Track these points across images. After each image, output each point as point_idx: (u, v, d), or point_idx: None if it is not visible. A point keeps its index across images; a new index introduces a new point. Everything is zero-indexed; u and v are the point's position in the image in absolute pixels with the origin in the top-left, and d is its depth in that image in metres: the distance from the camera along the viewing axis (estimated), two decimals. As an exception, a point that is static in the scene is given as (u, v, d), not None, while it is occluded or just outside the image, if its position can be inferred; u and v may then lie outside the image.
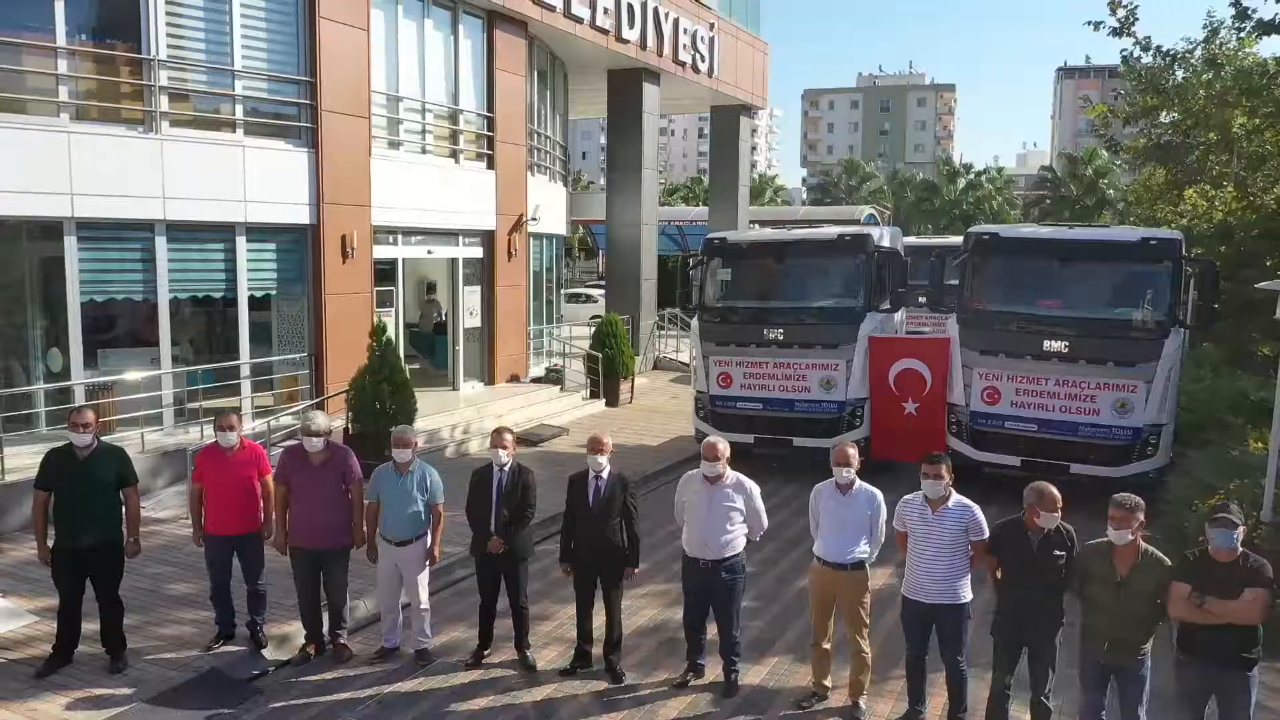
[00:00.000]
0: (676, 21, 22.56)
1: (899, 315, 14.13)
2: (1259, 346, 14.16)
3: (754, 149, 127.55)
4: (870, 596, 6.73)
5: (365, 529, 7.41)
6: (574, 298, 33.17)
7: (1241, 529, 5.40)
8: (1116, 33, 17.46)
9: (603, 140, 24.35)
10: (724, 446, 6.93)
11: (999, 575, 6.09)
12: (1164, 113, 17.71)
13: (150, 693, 6.85)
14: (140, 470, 8.31)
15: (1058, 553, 5.83)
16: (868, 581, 6.68)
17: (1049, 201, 51.04)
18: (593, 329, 19.82)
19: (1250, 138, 16.62)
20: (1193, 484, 9.42)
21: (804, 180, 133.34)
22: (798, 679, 7.17)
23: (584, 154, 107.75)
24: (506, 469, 7.23)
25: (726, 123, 28.17)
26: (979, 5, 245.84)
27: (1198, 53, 17.30)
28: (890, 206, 59.42)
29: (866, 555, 6.64)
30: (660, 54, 22.01)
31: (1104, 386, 11.37)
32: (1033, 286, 12.12)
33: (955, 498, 6.29)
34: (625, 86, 22.41)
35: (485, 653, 7.46)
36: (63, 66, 11.64)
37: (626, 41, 20.58)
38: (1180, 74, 16.86)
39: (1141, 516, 5.62)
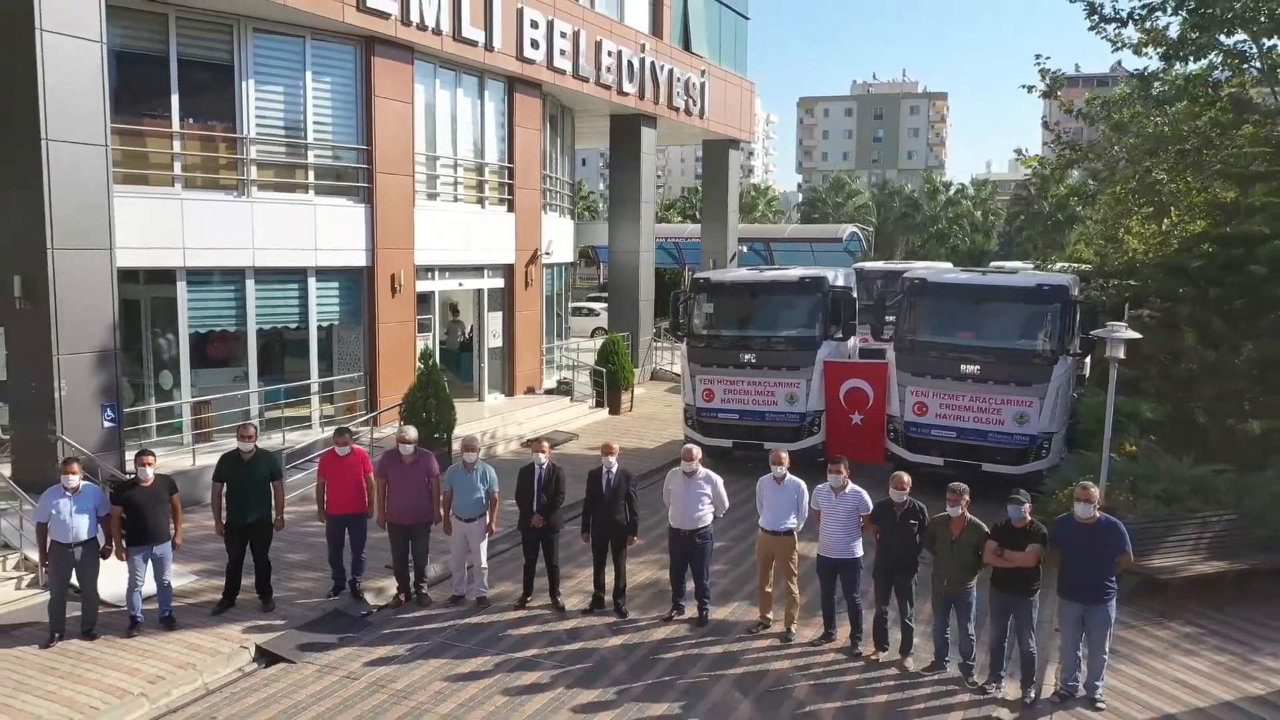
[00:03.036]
0: (671, 72, 25.48)
1: (851, 342, 17.07)
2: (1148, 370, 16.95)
3: (750, 154, 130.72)
4: (797, 554, 9.67)
5: (442, 510, 10.35)
6: (577, 311, 36.07)
7: (1027, 505, 8.34)
8: (1046, 96, 20.53)
9: (601, 147, 27.25)
10: (697, 451, 9.93)
11: (877, 538, 9.04)
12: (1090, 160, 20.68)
13: (296, 624, 9.81)
14: None
15: (913, 522, 8.78)
16: (795, 544, 9.61)
17: (1023, 218, 53.99)
18: (596, 341, 22.71)
19: (1165, 185, 19.55)
20: (1059, 479, 12.37)
21: (799, 186, 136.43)
22: (750, 616, 10.11)
23: (583, 160, 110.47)
24: (544, 467, 10.18)
25: (717, 155, 31.08)
26: (975, 11, 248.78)
27: (1156, 82, 19.70)
28: (874, 221, 62.39)
29: (795, 525, 9.57)
30: (656, 102, 24.92)
31: (1007, 402, 14.28)
32: (953, 322, 15.05)
33: (850, 486, 9.23)
34: (625, 130, 25.34)
35: (528, 599, 10.41)
36: (177, 146, 14.58)
37: (627, 94, 23.49)
38: (1118, 114, 19.57)
39: (967, 498, 8.55)
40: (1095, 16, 18.16)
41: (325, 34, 15.95)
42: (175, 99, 14.46)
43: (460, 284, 19.74)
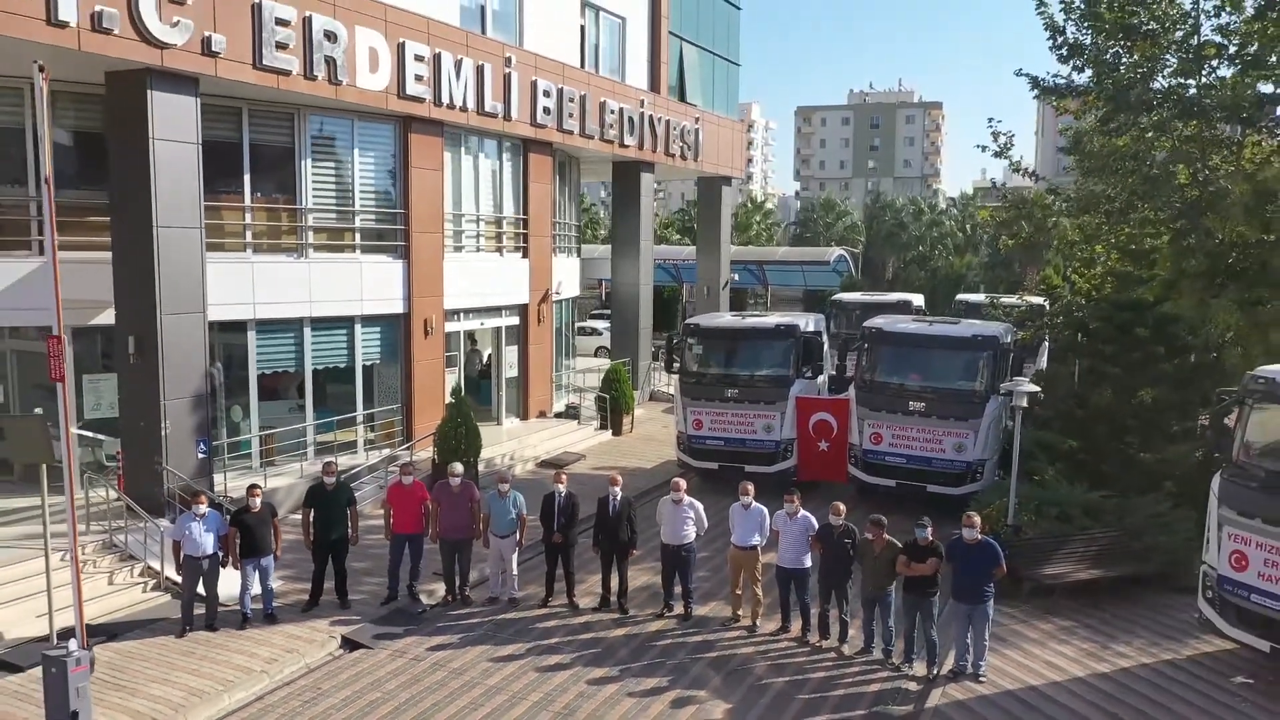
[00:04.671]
0: (668, 123, 28.17)
1: (820, 379, 19.79)
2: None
3: (749, 160, 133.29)
4: (761, 565, 12.39)
5: (481, 528, 13.05)
6: (581, 330, 38.81)
7: (929, 529, 11.03)
8: (998, 155, 23.19)
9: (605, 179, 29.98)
10: (683, 484, 12.68)
11: (821, 553, 11.75)
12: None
13: (369, 619, 12.53)
14: (303, 492, 14.20)
15: (847, 540, 11.51)
16: (759, 557, 12.33)
17: (1019, 223, 56.30)
18: (599, 360, 25.30)
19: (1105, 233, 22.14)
20: (980, 500, 15.06)
21: (797, 193, 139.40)
22: (725, 612, 12.84)
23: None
24: (563, 494, 12.91)
25: (710, 190, 33.68)
26: (973, 18, 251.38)
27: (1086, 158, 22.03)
28: (863, 241, 65.17)
29: (759, 542, 12.27)
30: (655, 150, 27.59)
31: (948, 434, 16.97)
32: (903, 365, 17.76)
33: (802, 512, 11.95)
34: (626, 174, 28.06)
35: (550, 599, 13.13)
36: (248, 217, 17.29)
37: (628, 146, 26.16)
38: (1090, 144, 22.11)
39: (885, 523, 11.25)
40: (1037, 89, 20.88)
41: (370, 116, 18.65)
42: (247, 178, 17.17)
43: (482, 323, 22.49)
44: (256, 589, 12.33)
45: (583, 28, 25.43)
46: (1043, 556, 13.31)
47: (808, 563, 11.97)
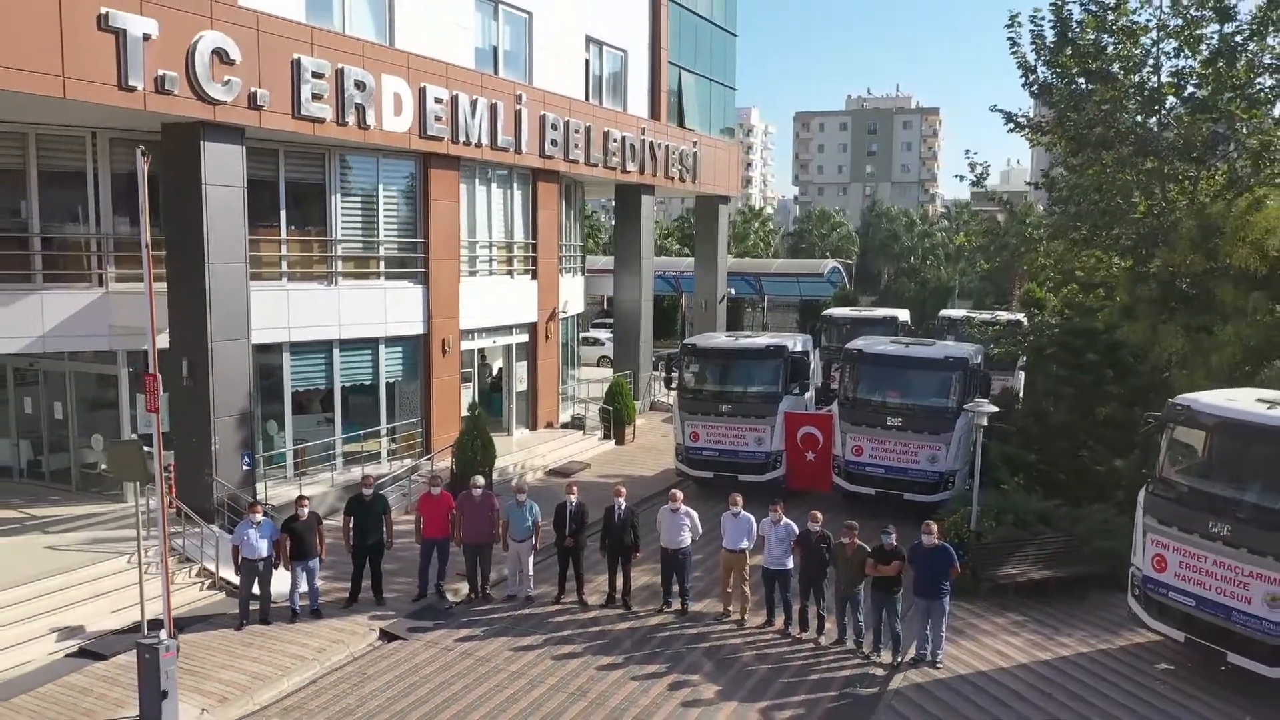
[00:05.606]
0: (667, 148, 29.83)
1: (807, 395, 21.44)
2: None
3: (749, 165, 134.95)
4: (748, 566, 14.03)
5: (501, 534, 14.69)
6: (584, 341, 40.42)
7: (894, 534, 12.67)
8: (974, 184, 24.89)
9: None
10: (680, 494, 14.33)
11: (801, 555, 13.39)
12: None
13: (402, 614, 14.18)
14: (333, 499, 15.81)
15: (823, 545, 13.15)
16: (747, 559, 13.97)
17: (993, 249, 58.11)
18: (602, 369, 26.83)
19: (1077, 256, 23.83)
20: (948, 508, 16.70)
21: (795, 198, 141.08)
22: (717, 608, 14.48)
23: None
24: (574, 504, 14.55)
25: (708, 208, 35.32)
26: (969, 24, 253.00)
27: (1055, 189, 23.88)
28: (857, 251, 66.95)
29: (747, 546, 13.91)
30: (655, 174, 29.25)
31: (922, 446, 18.60)
32: (881, 382, 19.40)
33: (785, 519, 13.59)
34: (628, 196, 29.75)
35: (561, 597, 14.77)
36: (284, 249, 18.94)
37: (629, 172, 27.84)
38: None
39: (856, 529, 12.90)
40: (1011, 124, 22.60)
41: (393, 154, 20.31)
42: (283, 213, 18.82)
43: (494, 341, 24.15)
44: (304, 588, 13.97)
45: (587, 62, 27.10)
46: (1000, 558, 14.94)
47: (789, 564, 13.61)
